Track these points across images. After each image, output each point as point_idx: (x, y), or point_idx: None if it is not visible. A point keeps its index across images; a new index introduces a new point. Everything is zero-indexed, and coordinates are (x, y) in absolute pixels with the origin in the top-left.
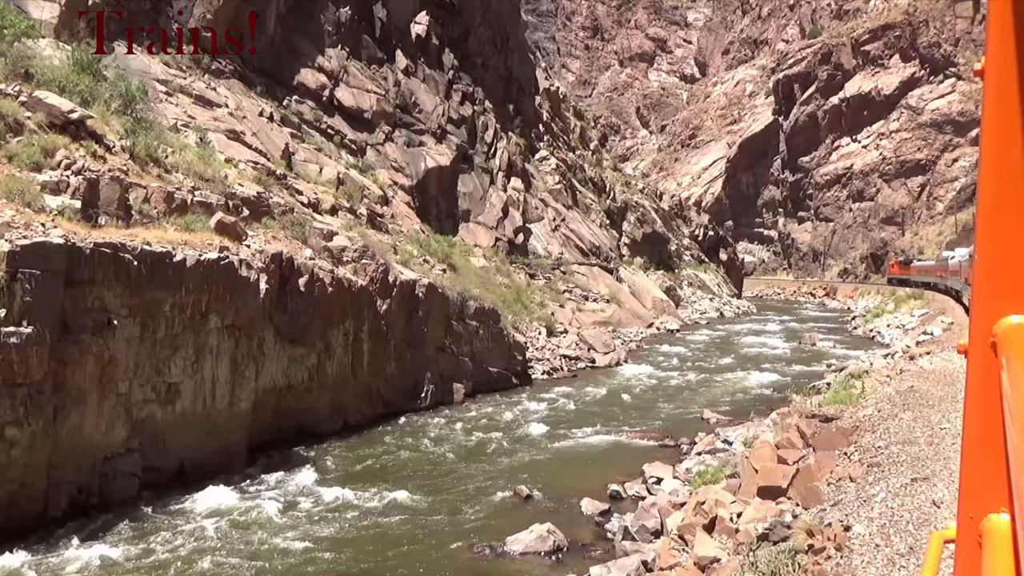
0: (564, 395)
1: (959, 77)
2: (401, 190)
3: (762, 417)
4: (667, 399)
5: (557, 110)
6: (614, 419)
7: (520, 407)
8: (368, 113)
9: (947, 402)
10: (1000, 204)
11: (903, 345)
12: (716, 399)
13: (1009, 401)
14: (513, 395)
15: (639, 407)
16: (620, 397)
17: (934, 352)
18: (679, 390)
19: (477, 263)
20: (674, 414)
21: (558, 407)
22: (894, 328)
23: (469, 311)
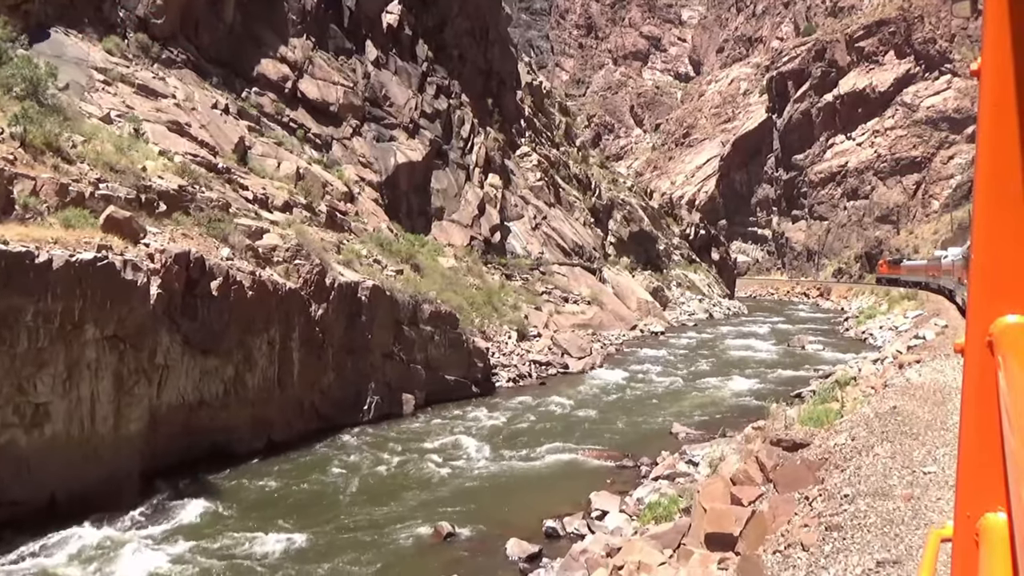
0: (525, 406)
1: (955, 73)
2: (369, 186)
3: (735, 432)
4: (637, 409)
5: (540, 105)
6: (574, 433)
7: (474, 420)
8: (334, 106)
9: (935, 431)
10: (996, 204)
11: (894, 350)
12: (690, 410)
13: (1005, 400)
14: (470, 405)
15: (604, 419)
16: (586, 407)
17: (925, 360)
18: (652, 399)
19: (446, 263)
20: (641, 428)
21: (516, 419)
22: (887, 330)
23: (423, 315)
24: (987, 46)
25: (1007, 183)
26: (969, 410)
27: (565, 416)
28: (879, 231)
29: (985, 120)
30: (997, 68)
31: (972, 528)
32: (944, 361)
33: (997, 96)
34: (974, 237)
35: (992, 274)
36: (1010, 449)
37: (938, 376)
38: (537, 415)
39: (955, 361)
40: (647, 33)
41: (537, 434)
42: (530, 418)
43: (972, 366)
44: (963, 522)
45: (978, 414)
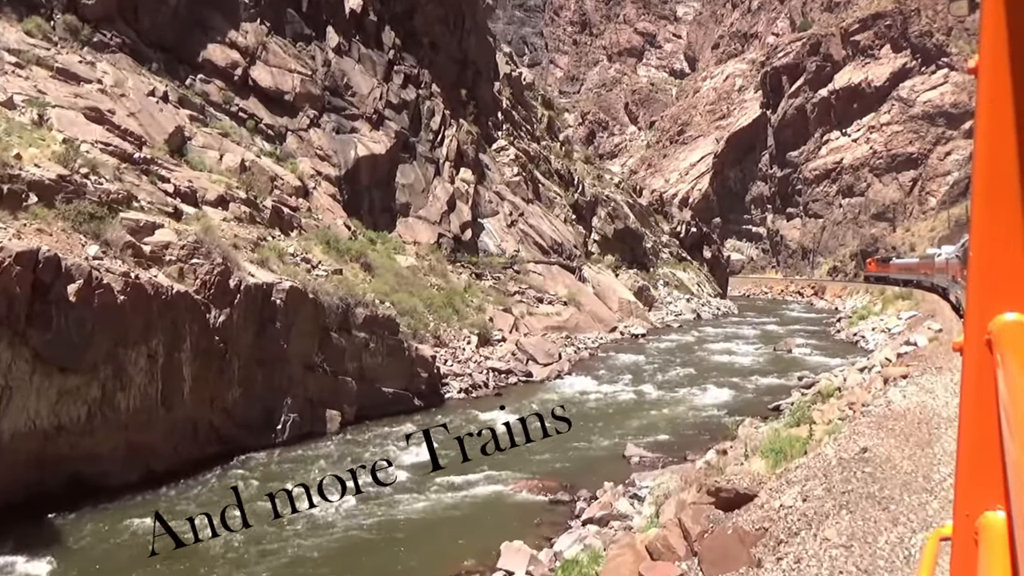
0: (471, 420)
1: (952, 67)
2: (326, 181)
3: (697, 455)
4: (594, 426)
5: (520, 98)
6: (515, 456)
7: (404, 439)
8: (290, 95)
9: (913, 493)
10: (995, 202)
11: (882, 357)
12: (653, 426)
13: (1004, 399)
14: (409, 421)
15: (553, 439)
16: (538, 423)
17: (913, 375)
18: (614, 412)
19: (405, 262)
20: (593, 449)
21: (452, 439)
22: (879, 332)
23: (356, 320)
24: (984, 43)
25: (1005, 181)
26: (968, 408)
27: (518, 433)
28: (875, 229)
29: (983, 117)
30: (995, 65)
31: (971, 527)
32: (935, 377)
33: (995, 93)
34: (972, 235)
35: (990, 272)
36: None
37: (927, 399)
38: (479, 434)
39: (948, 377)
40: (642, 29)
41: (473, 457)
42: (470, 437)
43: (970, 364)
44: (962, 521)
45: (977, 413)
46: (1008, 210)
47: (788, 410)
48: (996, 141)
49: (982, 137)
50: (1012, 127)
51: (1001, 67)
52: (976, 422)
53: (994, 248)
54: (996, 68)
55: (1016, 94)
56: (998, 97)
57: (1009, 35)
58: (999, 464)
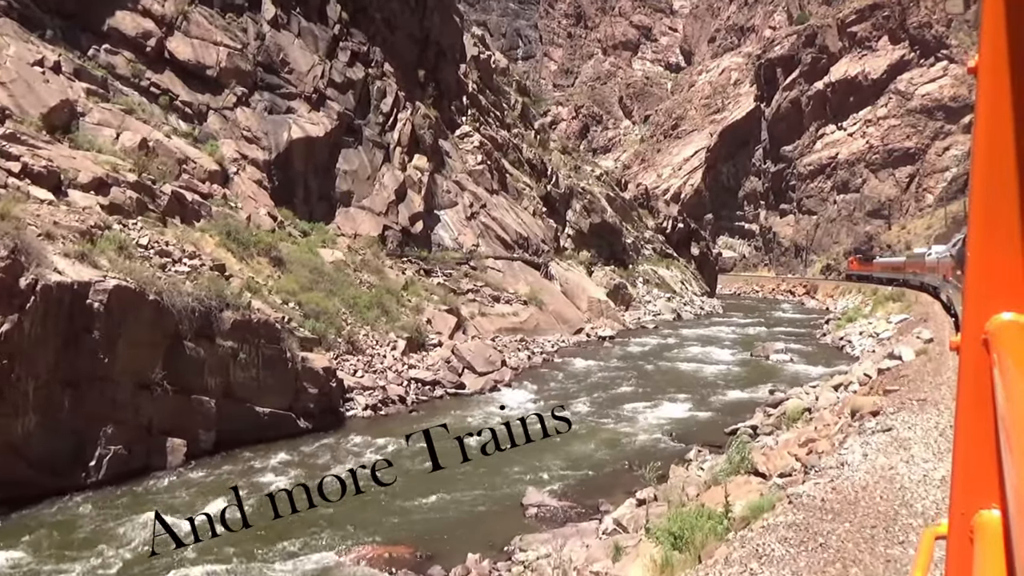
0: (362, 448)
1: (951, 60)
2: (252, 165)
3: (613, 506)
4: (504, 458)
5: (490, 82)
6: (384, 506)
7: (258, 480)
8: (213, 70)
9: None
10: (993, 202)
11: (861, 373)
12: (578, 457)
13: (1000, 398)
14: (284, 449)
15: (446, 477)
16: (438, 455)
17: (887, 410)
18: (538, 437)
19: (331, 256)
20: (486, 493)
21: (315, 479)
22: (867, 337)
23: (222, 325)
24: (984, 41)
25: (1004, 181)
26: (964, 408)
27: (398, 469)
28: (870, 226)
29: (982, 117)
30: (995, 65)
31: (967, 525)
32: (915, 417)
33: (994, 93)
34: (970, 235)
35: (988, 272)
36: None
37: (897, 464)
38: (356, 469)
39: (932, 419)
40: (637, 22)
41: (305, 512)
42: (341, 476)
43: (967, 364)
44: (957, 519)
45: (973, 412)
46: (1007, 211)
47: (731, 448)
48: (995, 142)
49: (981, 137)
50: (1011, 128)
51: (1001, 67)
52: (972, 421)
53: (992, 248)
54: (996, 68)
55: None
56: (998, 97)
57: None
58: (995, 463)
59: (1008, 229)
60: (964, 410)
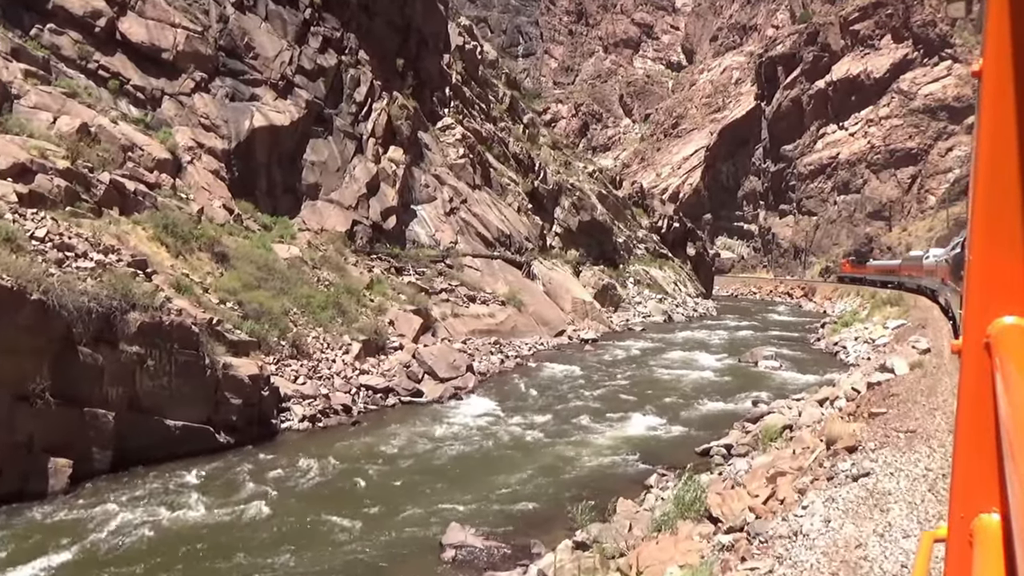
0: (282, 469)
1: (955, 59)
2: (209, 154)
3: (546, 547)
4: (438, 482)
5: (475, 73)
6: (275, 548)
7: (142, 512)
8: (169, 53)
9: None
10: (995, 206)
11: (848, 387)
12: (522, 484)
13: (1002, 402)
14: (191, 470)
15: (357, 507)
16: (358, 478)
17: (867, 447)
18: (488, 457)
19: (289, 252)
20: (400, 529)
21: (220, 507)
22: (862, 343)
23: (127, 329)
24: (989, 46)
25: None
26: (965, 411)
27: (306, 496)
28: (870, 227)
29: (985, 121)
30: (998, 70)
31: (966, 529)
32: (899, 457)
33: (998, 97)
34: (972, 238)
35: (990, 275)
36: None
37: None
38: (269, 495)
39: (923, 461)
40: (639, 20)
41: (207, 548)
42: (248, 504)
43: (969, 367)
44: (957, 523)
45: (974, 415)
46: (1009, 214)
47: (682, 482)
48: (998, 145)
49: (984, 141)
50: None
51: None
52: (973, 425)
53: (994, 252)
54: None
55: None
56: (1001, 101)
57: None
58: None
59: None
60: (965, 413)
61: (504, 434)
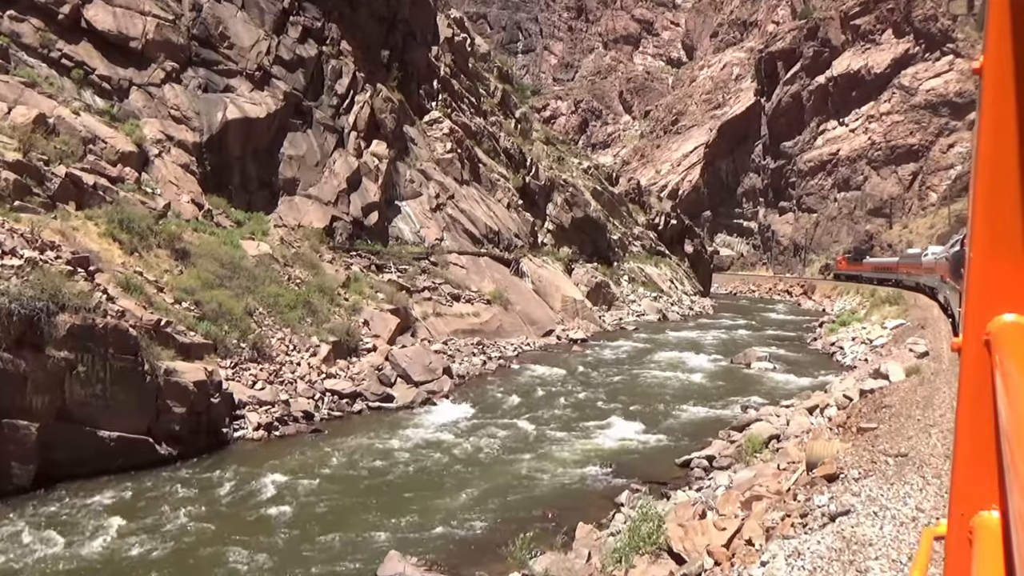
0: (225, 485)
1: (957, 54)
2: (179, 148)
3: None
4: (390, 499)
5: (464, 66)
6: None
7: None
8: (138, 42)
9: None
10: (996, 204)
11: (839, 394)
12: (475, 504)
13: (1001, 399)
14: (121, 485)
15: (294, 530)
16: (301, 496)
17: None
18: (449, 472)
19: (258, 249)
20: (334, 561)
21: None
22: (859, 343)
23: (55, 332)
24: (990, 43)
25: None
26: (965, 408)
27: (244, 515)
28: (871, 225)
29: (987, 118)
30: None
31: (966, 526)
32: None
33: (999, 95)
34: (972, 236)
35: (990, 273)
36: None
37: None
38: (195, 516)
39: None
40: (639, 16)
41: None
42: (166, 528)
43: (969, 365)
44: (957, 520)
45: (974, 413)
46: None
47: (637, 509)
48: (999, 143)
49: (985, 138)
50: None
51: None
52: (973, 422)
53: (994, 250)
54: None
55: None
56: (1002, 98)
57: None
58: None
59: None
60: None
61: (471, 445)
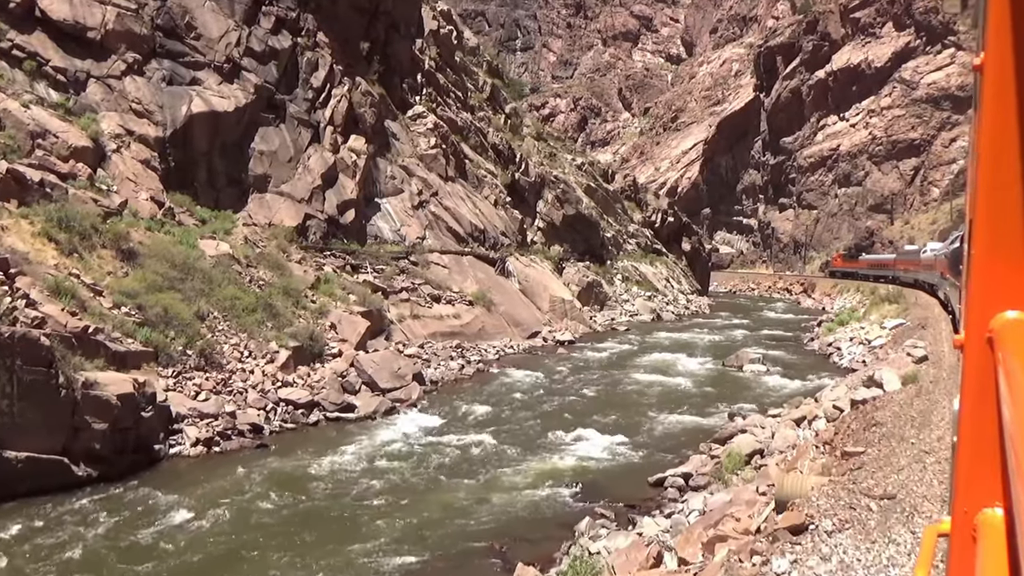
0: (145, 512)
1: (959, 47)
2: (140, 143)
3: None
4: (325, 529)
5: (450, 59)
6: None
7: None
8: (96, 33)
9: None
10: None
11: (829, 405)
12: (417, 535)
13: (1004, 397)
14: (27, 513)
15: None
16: (223, 527)
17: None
18: (396, 493)
19: (217, 249)
20: None
21: None
22: (857, 344)
23: None
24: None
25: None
26: (967, 406)
27: (151, 551)
28: (872, 221)
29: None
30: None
31: (969, 523)
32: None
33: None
34: (973, 233)
35: (992, 270)
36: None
37: None
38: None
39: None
40: (638, 13)
41: None
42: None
43: (971, 362)
44: (960, 518)
45: (976, 410)
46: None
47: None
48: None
49: (985, 136)
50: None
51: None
52: (976, 420)
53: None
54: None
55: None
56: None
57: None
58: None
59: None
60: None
61: (427, 462)
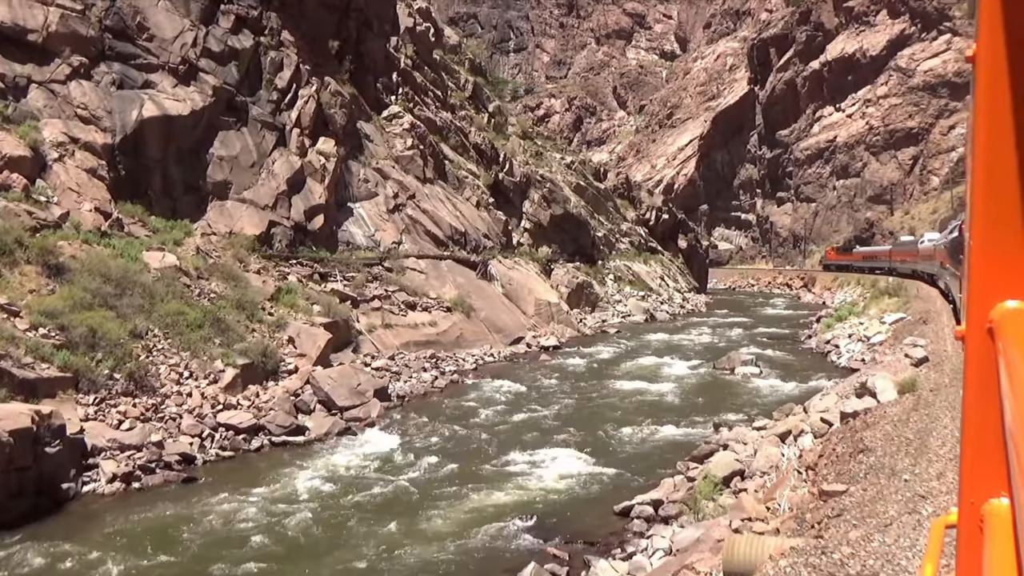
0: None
1: (955, 33)
2: (86, 150)
3: None
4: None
5: (428, 58)
6: None
7: None
8: (38, 35)
9: None
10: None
11: (817, 418)
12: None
13: (1006, 387)
14: None
15: None
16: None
17: None
18: (330, 530)
19: (163, 261)
20: None
21: None
22: (856, 341)
23: None
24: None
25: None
26: (970, 397)
27: None
28: (871, 212)
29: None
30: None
31: (976, 514)
32: None
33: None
34: (972, 222)
35: (992, 259)
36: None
37: None
38: None
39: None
40: (631, 10)
41: None
42: None
43: (973, 353)
44: (967, 508)
45: (979, 401)
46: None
47: None
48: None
49: (981, 125)
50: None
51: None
52: (979, 410)
53: (996, 236)
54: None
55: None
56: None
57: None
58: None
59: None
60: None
61: (371, 492)
